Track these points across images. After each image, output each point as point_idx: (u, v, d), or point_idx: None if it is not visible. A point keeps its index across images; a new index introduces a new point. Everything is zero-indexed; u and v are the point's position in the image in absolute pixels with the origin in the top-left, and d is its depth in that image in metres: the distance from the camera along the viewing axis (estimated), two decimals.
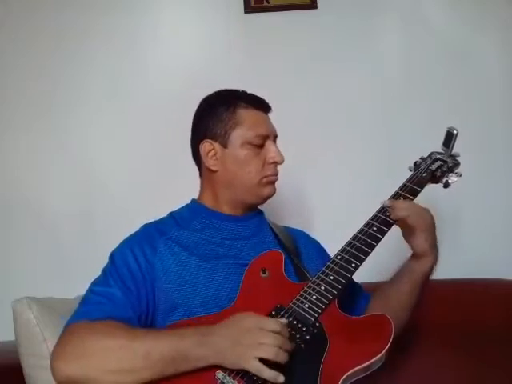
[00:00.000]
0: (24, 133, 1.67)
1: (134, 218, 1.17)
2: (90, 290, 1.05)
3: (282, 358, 0.87)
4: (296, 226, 1.33)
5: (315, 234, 1.33)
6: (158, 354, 0.90)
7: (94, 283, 1.07)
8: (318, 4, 1.70)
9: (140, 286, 1.05)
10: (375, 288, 1.22)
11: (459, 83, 1.71)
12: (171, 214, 1.21)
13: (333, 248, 1.11)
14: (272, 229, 1.23)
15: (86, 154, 1.68)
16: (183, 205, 1.24)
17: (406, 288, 1.13)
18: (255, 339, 0.87)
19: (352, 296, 1.19)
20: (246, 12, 1.70)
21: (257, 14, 1.70)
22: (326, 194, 1.67)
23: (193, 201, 1.24)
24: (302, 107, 1.68)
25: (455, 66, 1.71)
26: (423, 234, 1.07)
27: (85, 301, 1.04)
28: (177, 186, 1.53)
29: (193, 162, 1.23)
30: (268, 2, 1.70)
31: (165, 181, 1.64)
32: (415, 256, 1.11)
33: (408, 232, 1.09)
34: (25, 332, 1.19)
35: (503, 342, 1.35)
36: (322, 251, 1.28)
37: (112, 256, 1.11)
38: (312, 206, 1.69)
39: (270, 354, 0.86)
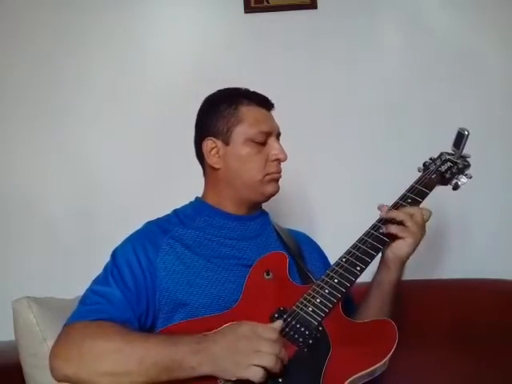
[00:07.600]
0: (23, 133, 1.67)
1: (134, 217, 1.17)
2: (91, 290, 1.05)
3: (279, 367, 0.86)
4: (298, 228, 1.33)
5: (318, 237, 1.33)
6: (152, 361, 0.89)
7: (95, 282, 1.07)
8: (318, 4, 1.70)
9: (140, 285, 1.04)
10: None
11: (459, 83, 1.70)
12: (175, 211, 1.21)
13: (335, 250, 1.10)
14: (276, 230, 1.22)
15: (85, 153, 1.68)
16: (187, 202, 1.24)
17: (377, 303, 1.08)
18: (252, 347, 0.85)
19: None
20: (246, 12, 1.70)
21: (257, 13, 1.70)
22: (328, 195, 1.67)
23: (197, 199, 1.24)
24: (302, 107, 1.68)
25: (455, 65, 1.71)
26: (414, 245, 1.03)
27: (84, 300, 1.04)
28: (177, 185, 1.54)
29: (193, 162, 1.23)
30: (268, 1, 1.70)
31: (164, 180, 1.65)
32: (389, 262, 1.05)
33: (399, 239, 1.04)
34: (25, 332, 1.20)
35: (500, 341, 1.35)
36: (322, 254, 1.29)
37: (114, 253, 1.10)
38: (315, 208, 1.68)
39: (268, 362, 0.84)
